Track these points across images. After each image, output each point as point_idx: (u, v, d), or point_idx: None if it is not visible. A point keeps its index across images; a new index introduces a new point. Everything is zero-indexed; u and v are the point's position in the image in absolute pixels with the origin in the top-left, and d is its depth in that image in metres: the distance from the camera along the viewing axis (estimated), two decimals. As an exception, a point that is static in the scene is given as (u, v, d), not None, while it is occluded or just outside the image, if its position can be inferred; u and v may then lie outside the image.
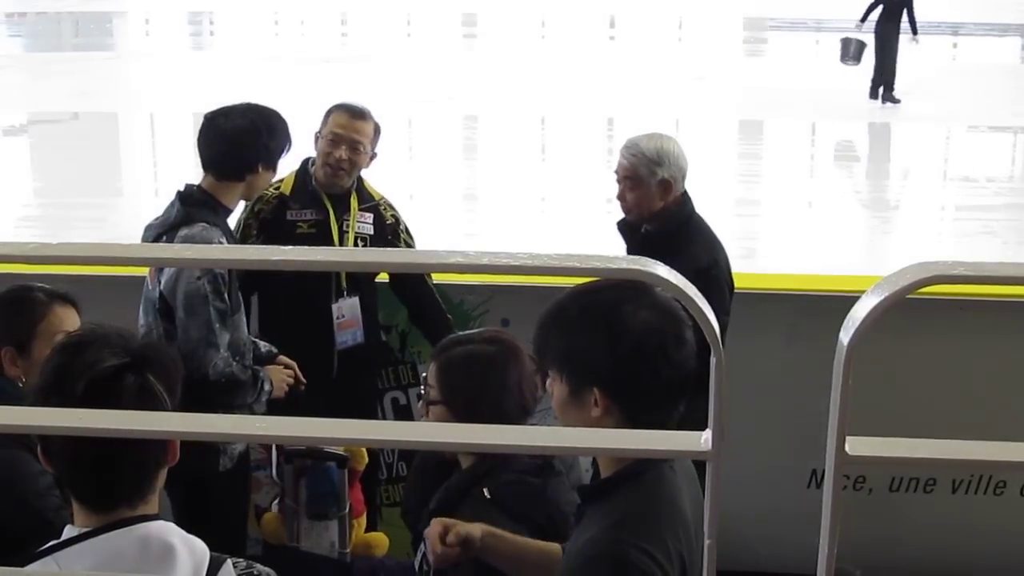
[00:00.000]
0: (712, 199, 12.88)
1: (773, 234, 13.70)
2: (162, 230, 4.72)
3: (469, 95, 22.58)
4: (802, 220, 14.22)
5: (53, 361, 2.51)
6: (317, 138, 5.30)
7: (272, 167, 4.82)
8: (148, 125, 20.99)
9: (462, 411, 3.39)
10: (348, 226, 5.30)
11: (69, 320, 3.83)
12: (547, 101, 21.88)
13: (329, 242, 5.22)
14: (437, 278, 5.64)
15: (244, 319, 4.81)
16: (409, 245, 5.52)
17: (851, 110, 20.71)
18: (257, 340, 5.01)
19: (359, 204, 5.36)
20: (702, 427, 1.75)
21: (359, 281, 5.32)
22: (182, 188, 4.79)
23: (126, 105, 22.45)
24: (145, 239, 4.79)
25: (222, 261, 1.86)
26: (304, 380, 5.00)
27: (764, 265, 11.28)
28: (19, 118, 21.75)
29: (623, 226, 5.29)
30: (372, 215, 5.40)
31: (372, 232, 5.37)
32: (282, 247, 1.66)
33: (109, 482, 2.41)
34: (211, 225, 4.64)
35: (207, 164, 4.78)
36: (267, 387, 4.80)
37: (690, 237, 5.10)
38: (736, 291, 5.40)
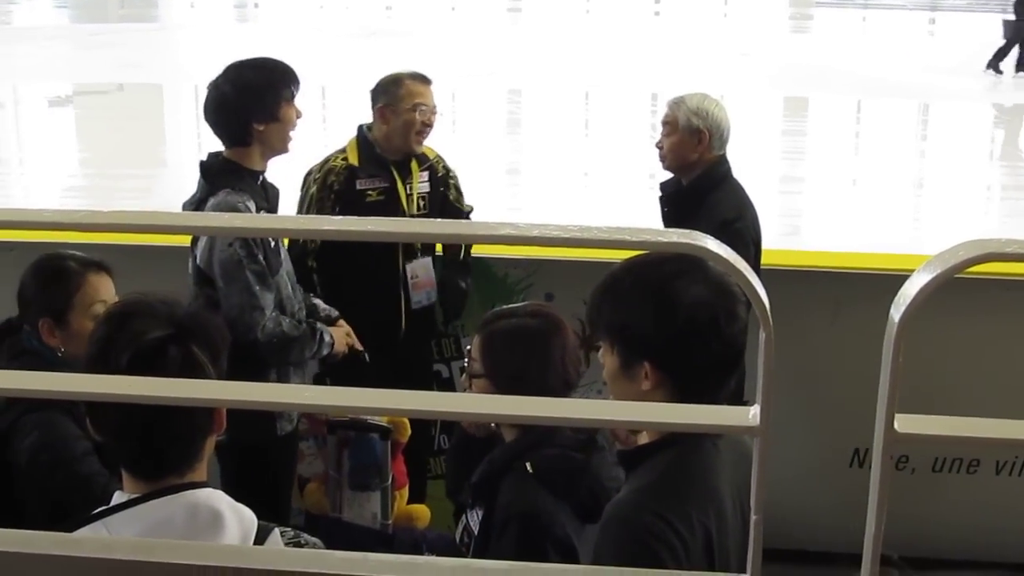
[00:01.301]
0: (756, 176, 12.85)
1: (817, 212, 13.64)
2: (193, 207, 4.72)
3: (513, 69, 22.57)
4: (846, 198, 14.14)
5: (98, 333, 2.52)
6: (384, 111, 5.38)
7: (273, 119, 4.68)
8: (192, 97, 21.07)
9: (505, 384, 3.38)
10: (412, 189, 5.47)
11: (104, 288, 3.81)
12: (591, 76, 21.84)
13: (397, 207, 5.39)
14: (482, 250, 5.67)
15: (287, 279, 4.80)
16: (458, 191, 5.69)
17: (897, 88, 20.59)
18: (318, 302, 5.09)
19: (419, 167, 5.52)
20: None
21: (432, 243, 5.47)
22: (204, 159, 4.81)
23: (171, 77, 22.55)
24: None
25: (272, 231, 1.86)
26: (361, 348, 5.06)
27: (808, 242, 11.25)
28: (65, 89, 21.88)
29: (665, 186, 5.45)
30: (428, 173, 5.57)
31: (428, 189, 5.55)
32: (331, 217, 1.66)
33: (156, 451, 2.42)
34: (235, 190, 4.62)
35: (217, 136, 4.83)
36: (327, 338, 4.83)
37: (721, 194, 5.26)
38: (780, 268, 5.41)
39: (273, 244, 4.71)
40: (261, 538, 2.42)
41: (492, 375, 3.44)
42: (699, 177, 5.26)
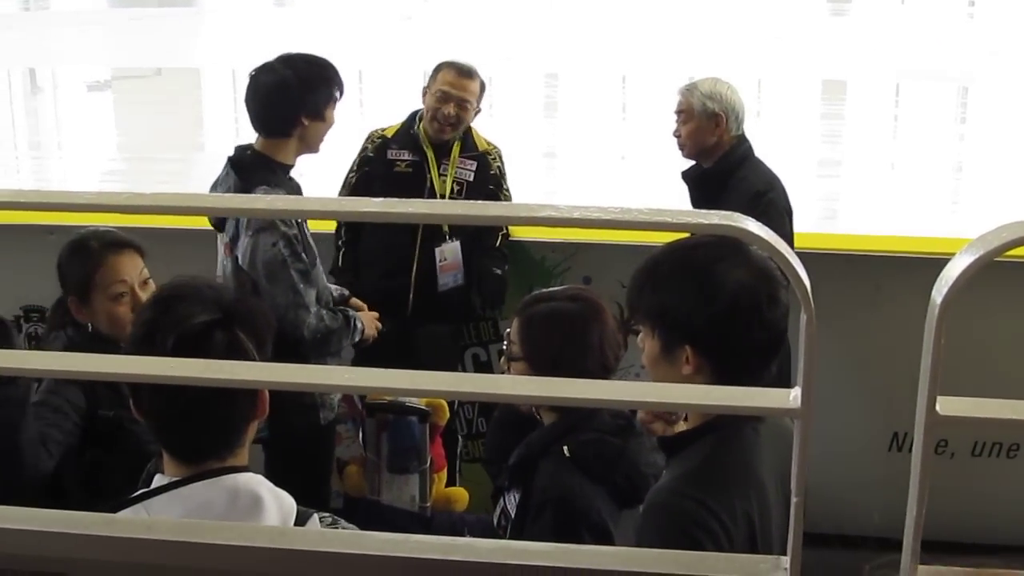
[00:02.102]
0: (794, 159, 12.79)
1: (855, 195, 13.58)
2: None
3: (550, 53, 22.52)
4: (885, 182, 14.07)
5: (144, 315, 2.52)
6: (425, 93, 5.53)
7: (319, 117, 4.65)
8: (230, 81, 21.13)
9: (543, 368, 3.37)
10: (447, 171, 5.53)
11: (126, 269, 3.86)
12: (628, 60, 21.78)
13: (423, 183, 5.48)
14: (519, 233, 5.68)
15: (320, 269, 4.81)
16: (508, 192, 5.74)
17: (935, 70, 20.45)
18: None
19: (462, 152, 5.59)
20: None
21: (463, 226, 5.47)
22: (232, 153, 4.74)
23: (208, 61, 22.61)
24: None
25: (312, 212, 1.87)
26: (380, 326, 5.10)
27: (847, 226, 11.20)
28: (103, 74, 21.97)
29: (686, 174, 5.46)
30: (476, 163, 5.62)
31: (472, 179, 5.59)
32: (373, 199, 1.67)
33: (197, 434, 2.42)
34: (271, 186, 4.56)
35: (253, 123, 4.71)
36: (359, 324, 4.83)
37: (746, 171, 5.29)
38: (820, 252, 5.40)
39: (308, 238, 4.70)
40: (300, 522, 2.42)
41: (530, 358, 3.44)
42: (722, 159, 5.28)
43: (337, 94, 4.72)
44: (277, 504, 2.41)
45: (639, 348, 2.77)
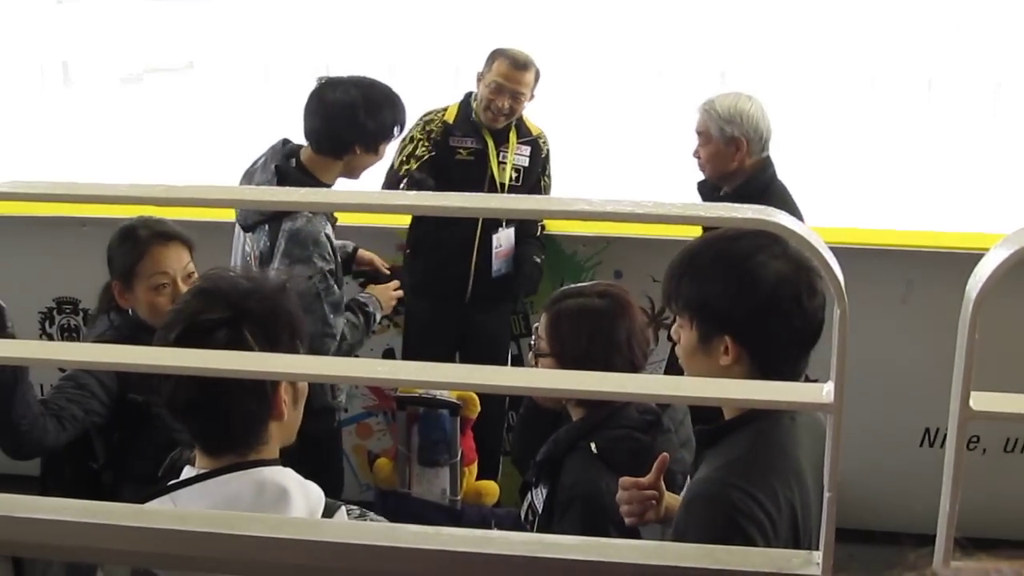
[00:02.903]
0: (825, 154, 12.75)
1: (887, 190, 13.52)
2: (261, 218, 4.54)
3: (582, 47, 22.48)
4: (917, 176, 14.01)
5: (175, 306, 2.56)
6: (480, 78, 5.57)
7: (373, 150, 4.54)
8: (263, 75, 21.18)
9: (570, 365, 3.37)
10: (506, 157, 5.59)
11: (169, 261, 3.92)
12: (662, 55, 21.73)
13: (486, 170, 5.54)
14: (551, 227, 5.70)
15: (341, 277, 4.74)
16: (549, 177, 5.82)
17: (967, 66, 20.35)
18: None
19: (517, 138, 5.65)
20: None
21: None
22: (279, 161, 4.58)
23: (241, 54, 22.67)
24: (244, 211, 4.66)
25: (352, 205, 1.87)
26: (402, 294, 5.00)
27: (878, 221, 11.15)
28: (135, 67, 22.05)
29: (702, 187, 5.17)
30: (530, 148, 5.69)
31: (527, 164, 5.67)
32: (408, 192, 1.67)
33: (223, 427, 2.43)
34: (315, 213, 4.44)
35: (306, 134, 4.59)
36: (378, 315, 4.77)
37: (764, 201, 4.96)
38: (852, 247, 5.37)
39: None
40: (328, 515, 2.42)
41: (558, 354, 3.44)
42: (741, 187, 4.94)
43: (396, 131, 4.61)
44: (305, 497, 2.41)
45: (670, 342, 2.77)
